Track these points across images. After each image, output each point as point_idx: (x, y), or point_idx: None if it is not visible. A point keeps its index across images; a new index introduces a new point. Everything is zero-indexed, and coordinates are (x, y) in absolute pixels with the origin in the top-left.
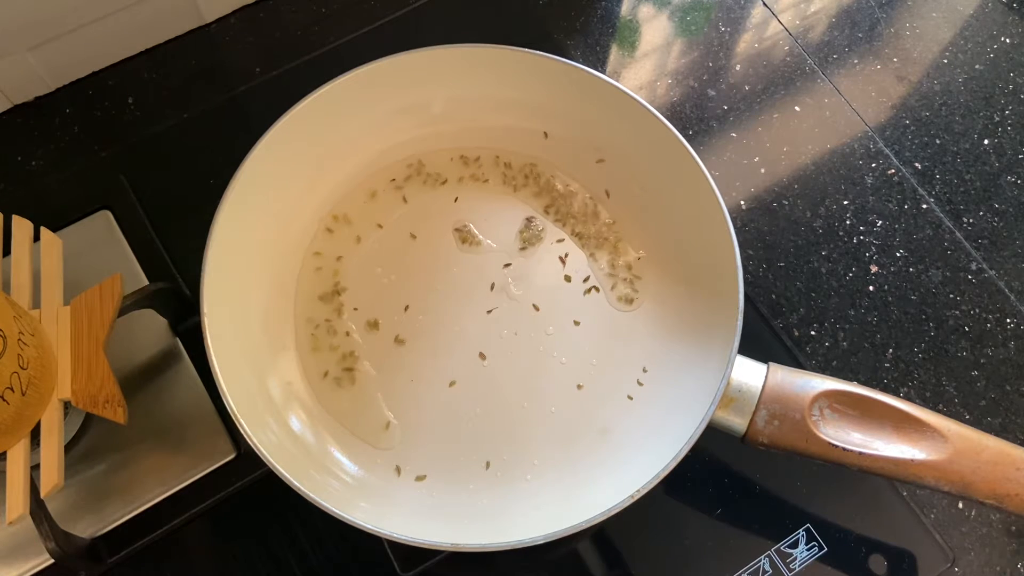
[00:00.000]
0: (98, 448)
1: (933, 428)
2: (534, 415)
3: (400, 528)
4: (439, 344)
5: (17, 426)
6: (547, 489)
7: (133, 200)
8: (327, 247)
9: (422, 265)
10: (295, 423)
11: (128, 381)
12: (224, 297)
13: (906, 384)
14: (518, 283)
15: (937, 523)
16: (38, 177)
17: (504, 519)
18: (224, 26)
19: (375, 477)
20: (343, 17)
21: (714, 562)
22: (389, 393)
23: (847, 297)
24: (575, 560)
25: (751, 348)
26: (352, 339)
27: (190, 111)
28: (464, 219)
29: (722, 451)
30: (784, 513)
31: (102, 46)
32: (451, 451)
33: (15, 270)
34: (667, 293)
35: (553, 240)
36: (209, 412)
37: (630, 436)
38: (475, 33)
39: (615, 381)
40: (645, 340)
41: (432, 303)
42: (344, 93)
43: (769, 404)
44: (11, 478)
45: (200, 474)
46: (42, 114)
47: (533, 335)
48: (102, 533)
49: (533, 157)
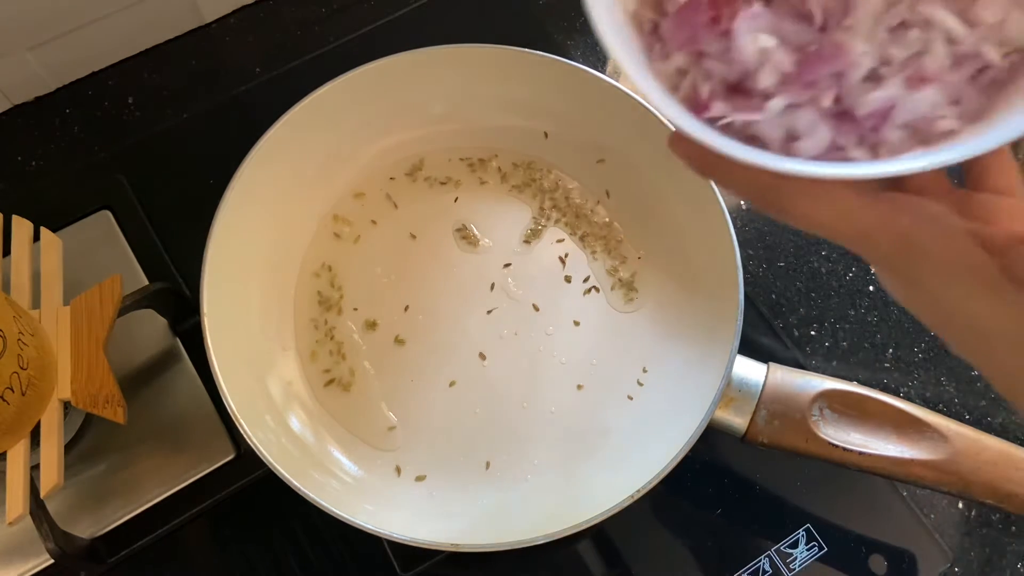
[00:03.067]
0: (98, 448)
1: (933, 428)
2: (534, 415)
3: (400, 528)
4: (439, 344)
5: (17, 426)
6: (547, 489)
7: (133, 200)
8: (327, 247)
9: (422, 265)
10: (295, 423)
11: (128, 381)
12: (224, 297)
13: (906, 384)
14: (518, 283)
15: (937, 523)
16: (38, 177)
17: (504, 519)
18: (224, 26)
19: (375, 477)
20: (343, 17)
21: (714, 562)
22: (389, 393)
23: (847, 297)
24: (575, 560)
25: (751, 348)
26: (352, 339)
27: (190, 111)
28: (464, 219)
29: (722, 451)
30: (784, 513)
31: (102, 46)
32: (451, 451)
33: (15, 270)
34: (667, 293)
35: (553, 240)
36: (209, 412)
37: (630, 436)
38: (475, 33)
39: (615, 381)
40: (645, 340)
41: (432, 303)
42: (344, 93)
43: (769, 404)
44: (11, 478)
45: (200, 474)
46: (42, 114)
47: (533, 335)
48: (102, 533)
49: (533, 157)
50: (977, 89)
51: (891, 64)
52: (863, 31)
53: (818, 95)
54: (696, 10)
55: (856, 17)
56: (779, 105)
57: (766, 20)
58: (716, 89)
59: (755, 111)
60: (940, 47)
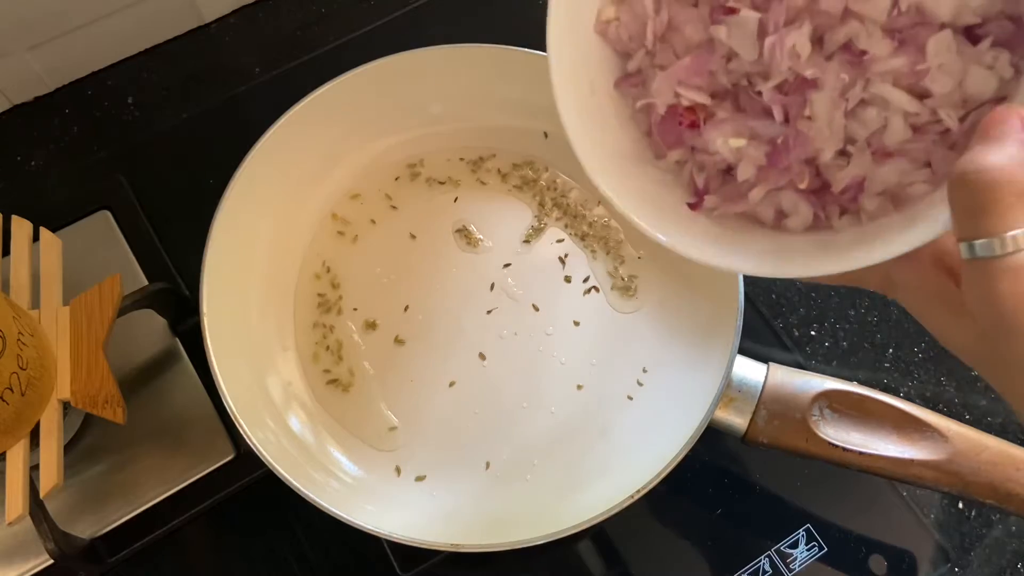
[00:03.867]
0: (98, 448)
1: (933, 428)
2: (534, 415)
3: (400, 528)
4: (439, 344)
5: (17, 426)
6: (547, 489)
7: (133, 200)
8: (326, 247)
9: (422, 265)
10: (294, 423)
11: (128, 381)
12: (223, 297)
13: (906, 384)
14: (518, 283)
15: (937, 523)
16: (38, 177)
17: (504, 519)
18: (224, 26)
19: (375, 477)
20: (343, 17)
21: (714, 562)
22: (389, 394)
23: (847, 297)
24: (575, 560)
25: (751, 348)
26: (352, 339)
27: (190, 111)
28: (464, 219)
29: (722, 451)
30: (784, 513)
31: (102, 46)
32: (451, 451)
33: (15, 270)
34: (667, 293)
35: (553, 240)
36: (209, 412)
37: (630, 436)
38: (475, 33)
39: (615, 381)
40: (645, 340)
41: (432, 303)
42: (344, 93)
43: (769, 404)
44: (11, 478)
45: (200, 474)
46: (42, 114)
47: (533, 335)
48: (102, 533)
49: (533, 157)
50: (945, 147)
51: (856, 141)
52: (823, 119)
53: (794, 179)
54: (674, 120)
55: (814, 109)
56: (759, 194)
57: (732, 125)
58: (712, 174)
59: (740, 201)
60: (898, 121)
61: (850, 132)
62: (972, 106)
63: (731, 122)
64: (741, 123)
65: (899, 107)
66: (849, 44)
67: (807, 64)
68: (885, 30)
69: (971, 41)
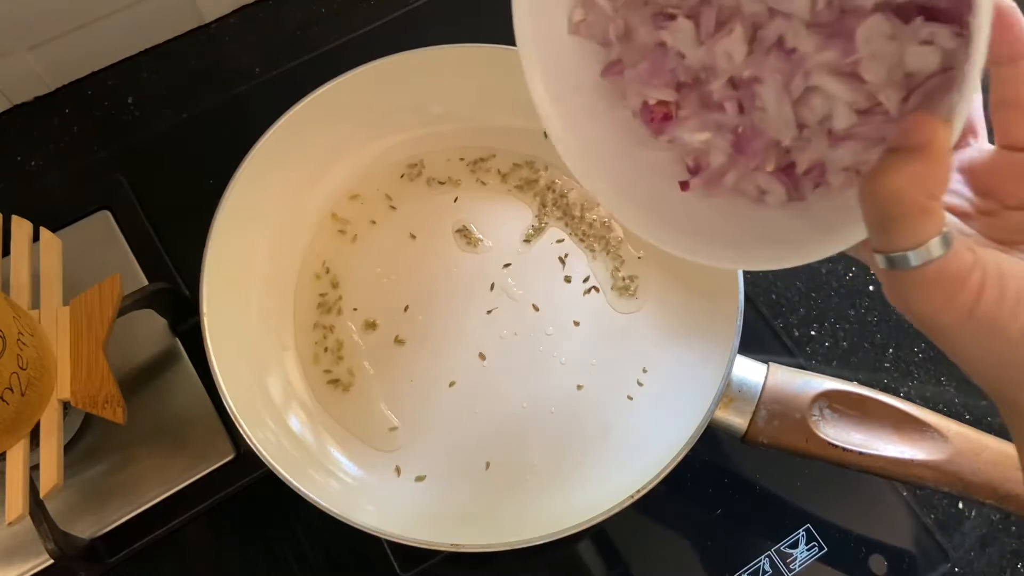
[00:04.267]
0: (98, 448)
1: (933, 428)
2: (534, 415)
3: (400, 528)
4: (439, 344)
5: (17, 426)
6: (547, 489)
7: (133, 200)
8: (326, 247)
9: (422, 265)
10: (294, 423)
11: (128, 381)
12: (224, 297)
13: (906, 384)
14: (518, 283)
15: (937, 523)
16: (38, 177)
17: (504, 519)
18: (224, 26)
19: (375, 477)
20: (343, 17)
21: (714, 562)
22: (389, 394)
23: (847, 297)
24: (575, 560)
25: (751, 348)
26: (351, 339)
27: (190, 111)
28: (464, 219)
29: (722, 451)
30: (784, 513)
31: (102, 46)
32: (451, 451)
33: (15, 270)
34: (667, 293)
35: (553, 240)
36: (209, 412)
37: (630, 436)
38: (475, 33)
39: (615, 381)
40: (645, 340)
41: (432, 303)
42: (344, 93)
43: (769, 404)
44: (11, 478)
45: (200, 474)
46: (42, 114)
47: (533, 335)
48: (102, 533)
49: (533, 156)
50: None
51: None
52: (773, 109)
53: (761, 163)
54: (650, 114)
55: (763, 101)
56: (732, 179)
57: (694, 121)
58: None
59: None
60: (842, 108)
61: (802, 119)
62: (919, 81)
63: (693, 118)
64: (704, 118)
65: (838, 96)
66: (782, 40)
67: (744, 65)
68: (811, 25)
69: (903, 20)
